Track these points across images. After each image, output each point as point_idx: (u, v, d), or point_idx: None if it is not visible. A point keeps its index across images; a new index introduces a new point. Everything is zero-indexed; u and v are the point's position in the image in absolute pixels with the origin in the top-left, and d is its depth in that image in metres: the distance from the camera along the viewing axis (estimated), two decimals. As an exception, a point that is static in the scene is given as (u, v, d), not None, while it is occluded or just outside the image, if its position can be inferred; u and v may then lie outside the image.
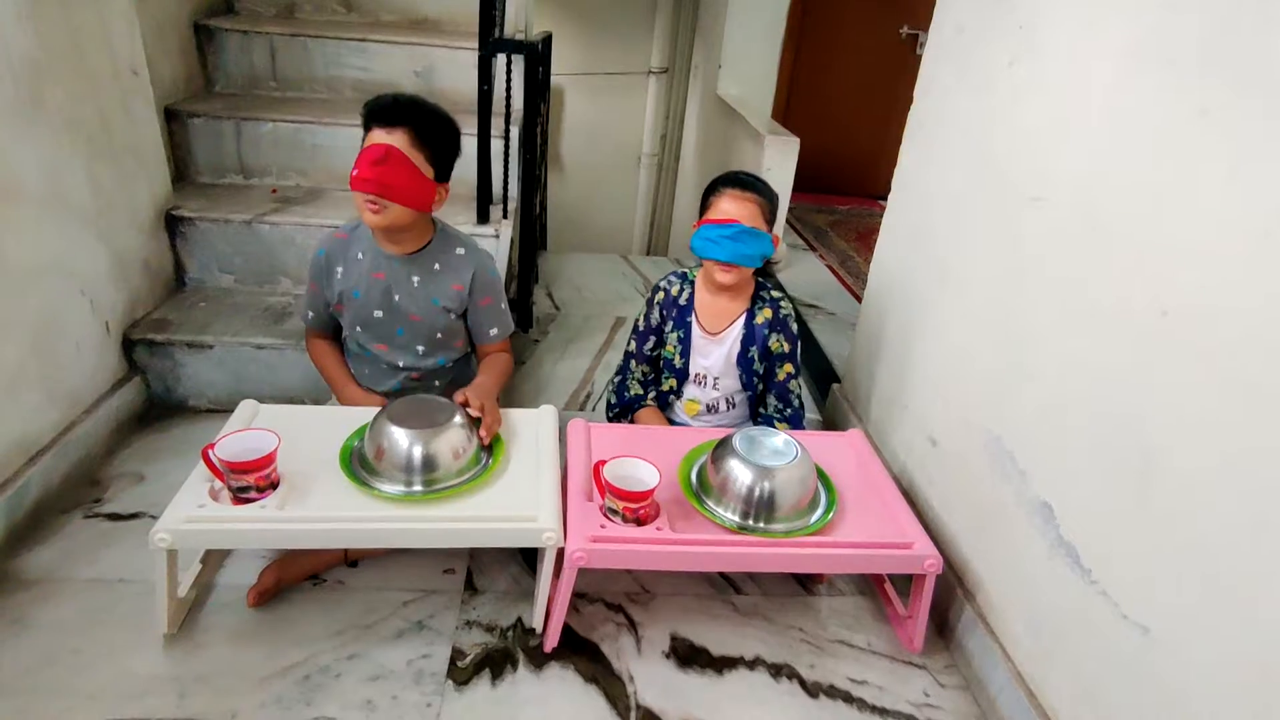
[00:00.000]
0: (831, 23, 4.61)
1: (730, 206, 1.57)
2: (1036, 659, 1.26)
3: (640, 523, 1.34)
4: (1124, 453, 1.08)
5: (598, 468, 1.37)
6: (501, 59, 2.12)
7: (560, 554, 1.31)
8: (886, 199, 1.94)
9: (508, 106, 2.15)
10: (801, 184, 1.62)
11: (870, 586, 1.62)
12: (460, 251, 1.61)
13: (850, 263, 3.73)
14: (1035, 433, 1.29)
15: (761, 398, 1.76)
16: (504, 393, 1.64)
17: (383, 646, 1.37)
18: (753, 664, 1.42)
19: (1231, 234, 0.93)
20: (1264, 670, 0.87)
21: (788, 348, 1.70)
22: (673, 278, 1.74)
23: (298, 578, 1.47)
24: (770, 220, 1.62)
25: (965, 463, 1.49)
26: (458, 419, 1.38)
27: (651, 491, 1.32)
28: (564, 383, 2.27)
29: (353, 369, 1.69)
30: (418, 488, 1.32)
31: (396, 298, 1.58)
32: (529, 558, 1.59)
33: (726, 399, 1.75)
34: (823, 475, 1.50)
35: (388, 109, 1.44)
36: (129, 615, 1.37)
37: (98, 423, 1.77)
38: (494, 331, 1.67)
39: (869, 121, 4.69)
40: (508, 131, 2.20)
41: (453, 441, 1.35)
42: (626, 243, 5.05)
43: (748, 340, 1.69)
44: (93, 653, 1.30)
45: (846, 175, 4.88)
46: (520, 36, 2.49)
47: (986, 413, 1.43)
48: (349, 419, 1.48)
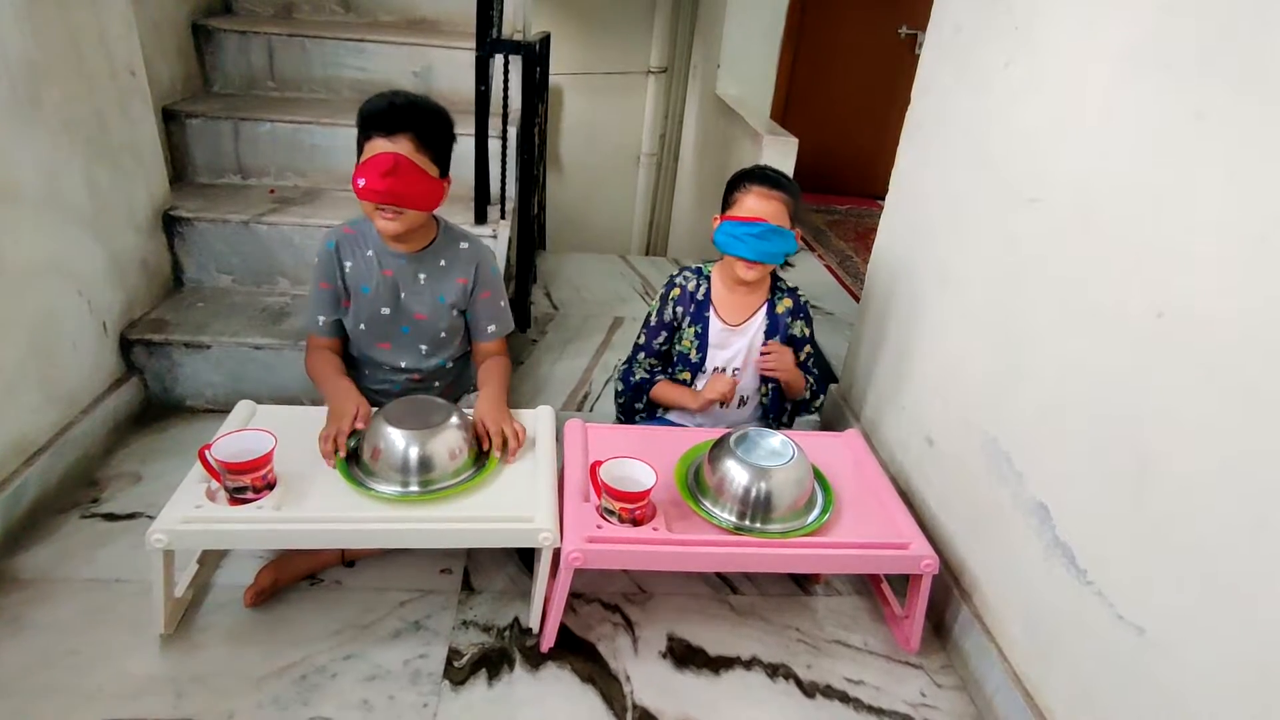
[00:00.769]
0: (830, 23, 4.61)
1: (757, 204, 1.57)
2: (1033, 659, 1.26)
3: (637, 523, 1.34)
4: (1120, 454, 1.08)
5: (594, 468, 1.37)
6: (499, 59, 2.12)
7: (557, 554, 1.31)
8: (885, 199, 1.94)
9: (505, 107, 2.15)
10: (800, 184, 1.61)
11: (867, 587, 1.62)
12: (464, 246, 1.61)
13: (849, 263, 3.73)
14: (1032, 434, 1.29)
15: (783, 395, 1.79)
16: (507, 395, 1.63)
17: (379, 646, 1.37)
18: (749, 664, 1.42)
19: (1228, 237, 0.93)
20: (1260, 671, 0.87)
21: (806, 332, 1.74)
22: (688, 273, 1.74)
23: (294, 578, 1.47)
24: (794, 217, 1.61)
25: (962, 463, 1.49)
26: (454, 419, 1.38)
27: (648, 492, 1.32)
28: (562, 383, 2.27)
29: (350, 376, 1.61)
30: (414, 488, 1.33)
31: (403, 295, 1.58)
32: (526, 558, 1.59)
33: (741, 395, 1.75)
34: (820, 475, 1.50)
35: (387, 115, 1.42)
36: (126, 615, 1.37)
37: (95, 423, 1.77)
38: (492, 329, 1.66)
39: (868, 121, 4.70)
40: (505, 132, 2.20)
41: (449, 442, 1.36)
42: (625, 243, 5.05)
43: (771, 330, 1.70)
44: (90, 653, 1.30)
45: (845, 175, 4.89)
46: (518, 37, 2.49)
47: (984, 413, 1.43)
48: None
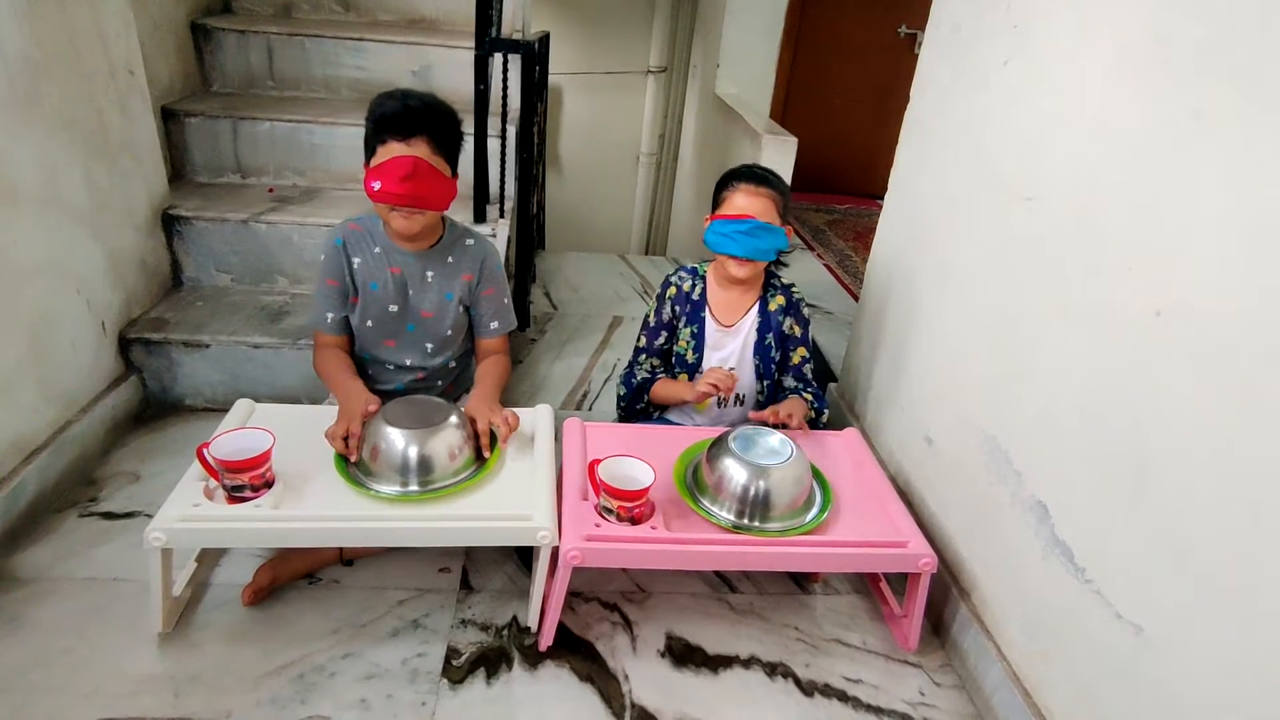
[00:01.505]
0: (830, 22, 4.61)
1: (744, 201, 1.57)
2: (1032, 658, 1.26)
3: (635, 522, 1.34)
4: (1118, 452, 1.08)
5: (593, 467, 1.37)
6: (498, 58, 2.12)
7: (555, 553, 1.31)
8: (884, 198, 1.94)
9: (504, 106, 2.15)
10: (800, 183, 1.61)
11: (866, 585, 1.62)
12: (470, 242, 1.62)
13: (848, 262, 3.73)
14: (1031, 432, 1.29)
15: (778, 382, 1.76)
16: (500, 394, 1.63)
17: (378, 645, 1.37)
18: (748, 663, 1.42)
19: (1225, 235, 0.93)
20: (1259, 669, 0.87)
21: (799, 331, 1.71)
22: (683, 273, 1.73)
23: (293, 577, 1.47)
24: (783, 214, 1.61)
25: (961, 462, 1.49)
26: (453, 419, 1.38)
27: (646, 490, 1.32)
28: (560, 382, 2.27)
29: None
30: (413, 488, 1.33)
31: (411, 293, 1.58)
32: (525, 556, 1.59)
33: (737, 394, 1.75)
34: (818, 474, 1.50)
35: (404, 118, 1.41)
36: (124, 614, 1.37)
37: (93, 422, 1.77)
38: (494, 325, 1.66)
39: (867, 121, 4.69)
40: (504, 131, 2.20)
41: (449, 442, 1.36)
42: (624, 242, 5.04)
43: (764, 328, 1.69)
44: (87, 652, 1.30)
45: (845, 175, 4.88)
46: (517, 36, 2.49)
47: (982, 412, 1.43)
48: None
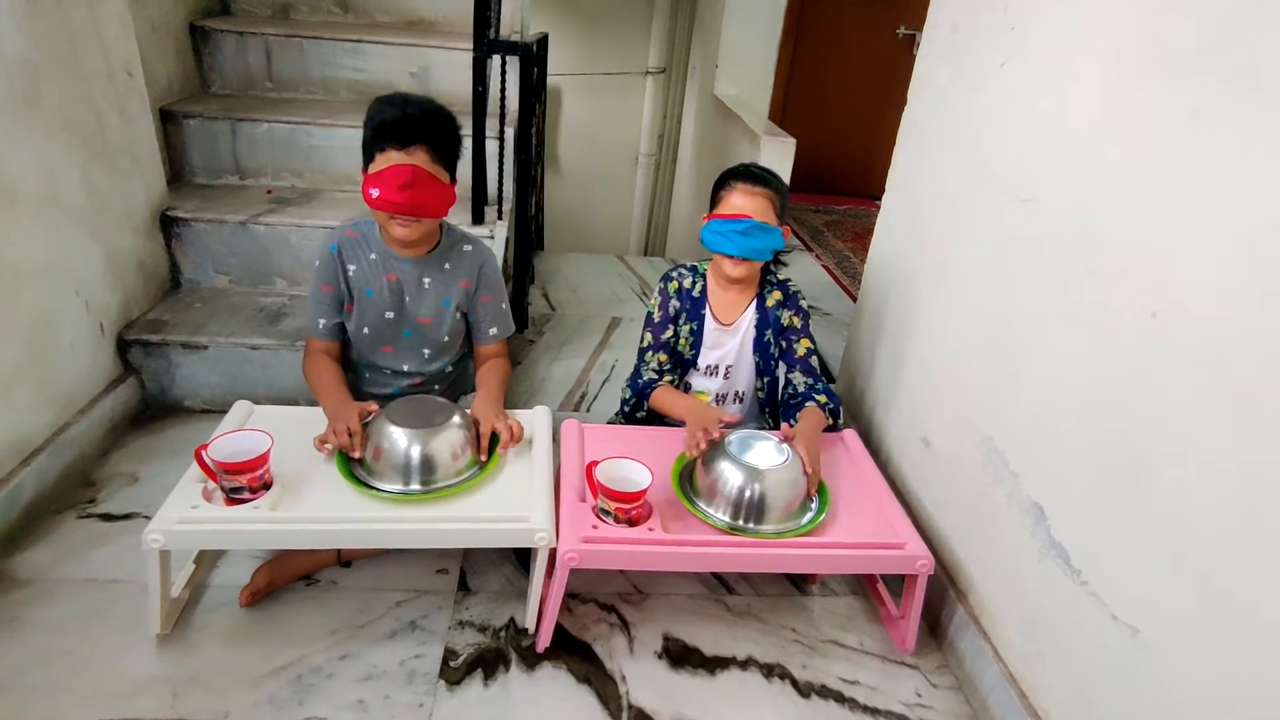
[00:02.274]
0: (829, 23, 4.61)
1: (741, 201, 1.56)
2: (1028, 660, 1.26)
3: (632, 523, 1.34)
4: (1115, 454, 1.08)
5: (590, 468, 1.37)
6: (497, 60, 2.12)
7: (553, 554, 1.31)
8: (882, 200, 1.94)
9: (502, 107, 2.15)
10: (798, 184, 1.61)
11: (863, 587, 1.62)
12: (468, 248, 1.61)
13: (846, 263, 3.74)
14: (1027, 434, 1.29)
15: (780, 386, 1.74)
16: (504, 396, 1.63)
17: (375, 646, 1.37)
18: (745, 664, 1.42)
19: (1223, 237, 0.94)
20: (1255, 671, 0.87)
21: (799, 322, 1.69)
22: (683, 270, 1.73)
23: (291, 578, 1.47)
24: (781, 213, 1.60)
25: (958, 463, 1.49)
26: (456, 419, 1.38)
27: (644, 492, 1.32)
28: (559, 384, 2.27)
29: (349, 379, 1.61)
30: (415, 487, 1.33)
31: (408, 299, 1.57)
32: (522, 558, 1.59)
33: (736, 392, 1.75)
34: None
35: (402, 127, 1.40)
36: (122, 616, 1.37)
37: (92, 423, 1.77)
38: (494, 331, 1.66)
39: (866, 122, 4.70)
40: (503, 132, 2.20)
41: (451, 442, 1.36)
42: (623, 243, 5.04)
43: (762, 325, 1.69)
44: (85, 653, 1.30)
45: (843, 176, 4.89)
46: (516, 37, 2.49)
47: (980, 413, 1.43)
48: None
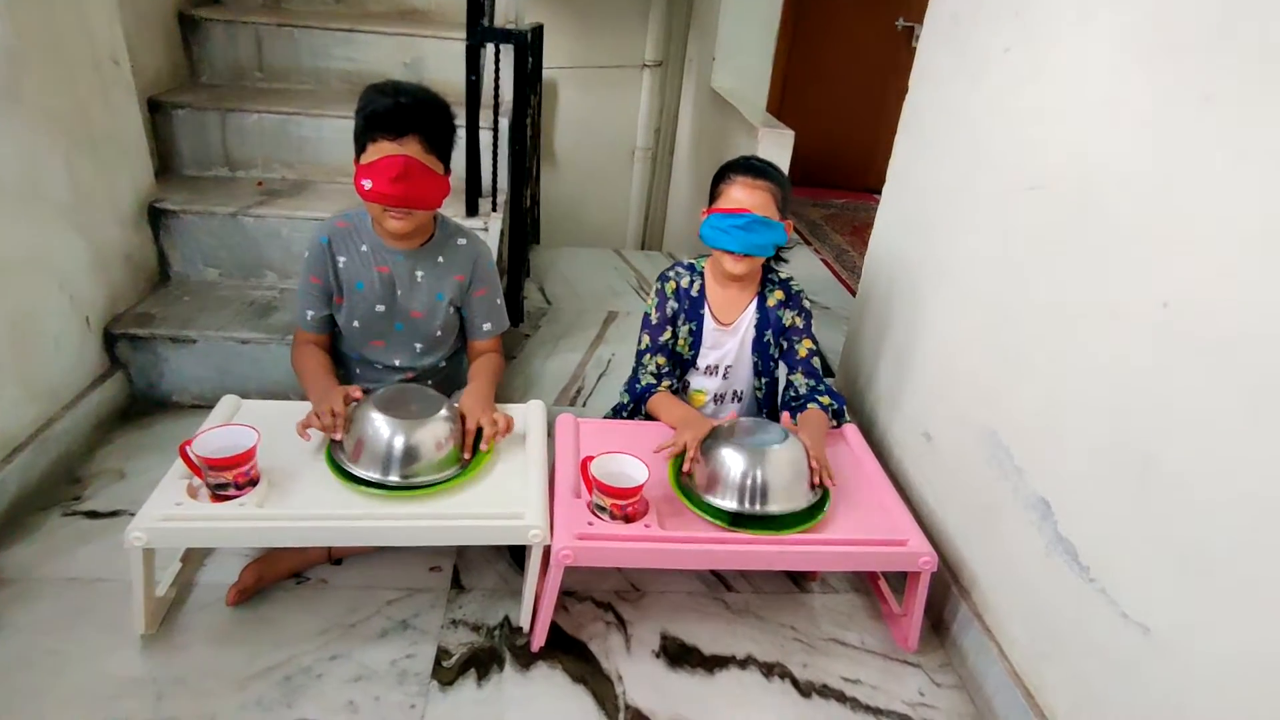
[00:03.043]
0: (827, 15, 4.58)
1: (742, 195, 1.51)
2: (1034, 658, 1.24)
3: (629, 520, 1.31)
4: (1125, 448, 1.05)
5: (585, 464, 1.34)
6: (490, 49, 2.08)
7: (547, 552, 1.28)
8: (882, 193, 1.92)
9: (496, 97, 2.11)
10: (796, 178, 1.58)
11: (864, 584, 1.60)
12: (462, 242, 1.58)
13: (845, 257, 3.71)
14: (1033, 428, 1.26)
15: (780, 387, 1.71)
16: (495, 391, 1.60)
17: (366, 646, 1.34)
18: (744, 663, 1.39)
19: (1236, 224, 0.91)
20: (1272, 672, 0.84)
21: (801, 322, 1.65)
22: (680, 269, 1.68)
23: (279, 576, 1.44)
24: (783, 208, 1.55)
25: (961, 458, 1.46)
26: (443, 411, 1.35)
27: (640, 488, 1.29)
28: (554, 378, 2.24)
29: (339, 375, 1.58)
30: (397, 479, 1.29)
31: (399, 293, 1.54)
32: (517, 554, 1.56)
33: (734, 391, 1.72)
34: (816, 471, 1.47)
35: (395, 116, 1.36)
36: (107, 615, 1.34)
37: (78, 419, 1.74)
38: (487, 326, 1.63)
39: (865, 115, 4.67)
40: (497, 123, 2.16)
41: (438, 434, 1.32)
42: (620, 237, 5.01)
43: (762, 325, 1.65)
44: (69, 654, 1.27)
45: (842, 169, 4.86)
46: (510, 26, 2.45)
47: (983, 407, 1.40)
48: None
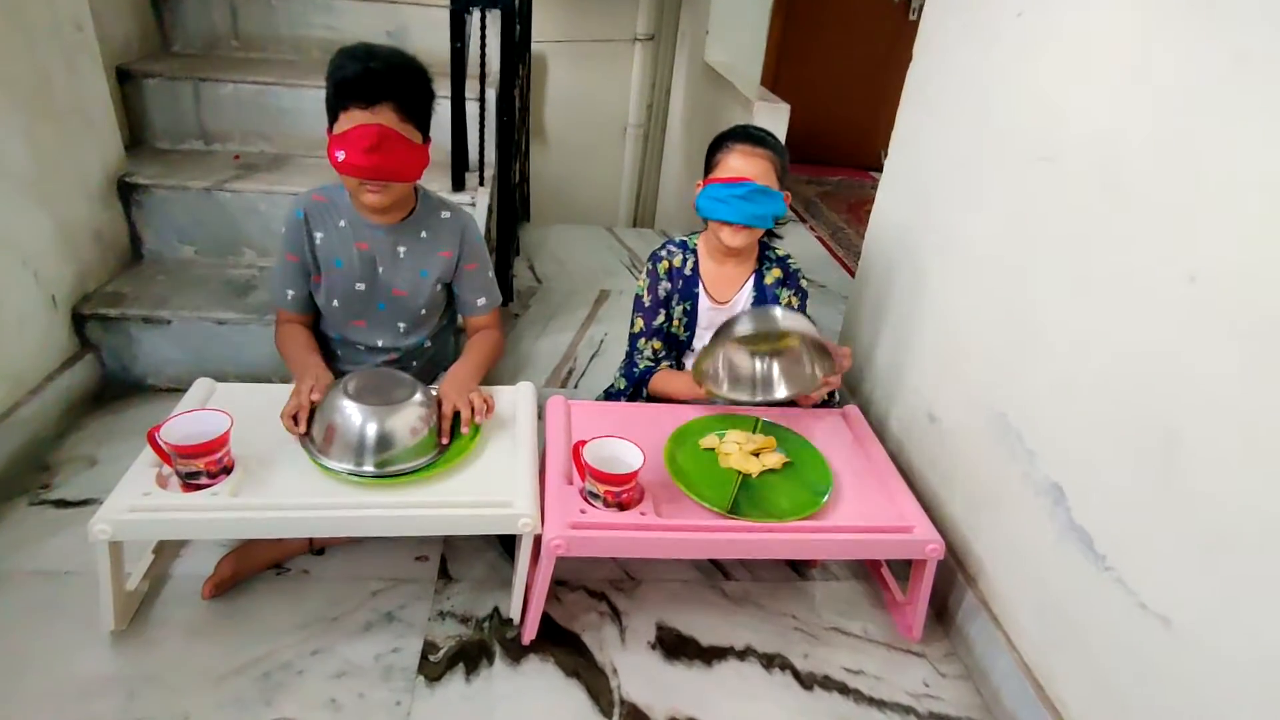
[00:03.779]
0: (822, -13, 4.47)
1: (740, 164, 1.46)
2: (1044, 649, 1.19)
3: (623, 507, 1.25)
4: (1145, 431, 1.00)
5: (577, 448, 1.28)
6: (476, 15, 1.99)
7: (538, 541, 1.22)
8: (878, 171, 1.85)
9: (483, 67, 2.03)
10: (791, 154, 1.52)
11: (866, 571, 1.55)
12: (446, 215, 1.51)
13: (841, 234, 3.65)
14: (1045, 409, 1.21)
15: None
16: (485, 372, 1.53)
17: (349, 641, 1.29)
18: (743, 654, 1.35)
19: (1270, 193, 0.85)
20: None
21: (797, 302, 1.61)
22: (671, 247, 1.62)
23: (258, 567, 1.38)
24: (782, 178, 1.51)
25: (968, 441, 1.41)
26: (417, 395, 1.28)
27: (635, 474, 1.24)
28: (545, 359, 2.17)
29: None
30: (371, 468, 1.23)
31: (381, 270, 1.47)
32: (507, 543, 1.50)
33: None
34: (817, 455, 1.42)
35: (365, 83, 1.28)
36: (76, 610, 1.27)
37: (46, 403, 1.66)
38: (482, 301, 1.57)
39: (861, 90, 4.59)
40: (483, 94, 2.08)
41: (410, 420, 1.26)
42: (612, 215, 4.94)
43: (759, 304, 1.59)
44: (35, 651, 1.21)
45: (838, 146, 4.79)
46: (497, -7, 2.36)
47: (991, 388, 1.35)
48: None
